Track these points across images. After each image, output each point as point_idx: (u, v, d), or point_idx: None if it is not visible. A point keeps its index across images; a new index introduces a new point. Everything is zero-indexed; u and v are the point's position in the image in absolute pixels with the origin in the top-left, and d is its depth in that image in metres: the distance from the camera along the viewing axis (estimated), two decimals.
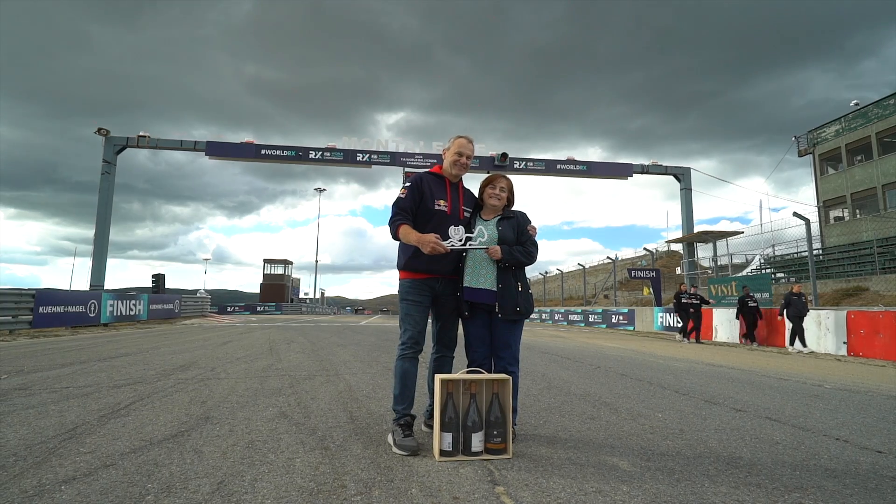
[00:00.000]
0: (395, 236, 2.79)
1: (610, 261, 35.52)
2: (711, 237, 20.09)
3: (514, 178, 3.40)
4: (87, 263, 18.69)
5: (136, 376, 5.00)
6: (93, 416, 3.23)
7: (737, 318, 13.59)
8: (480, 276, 2.85)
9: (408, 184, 2.89)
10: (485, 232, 2.87)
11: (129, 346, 8.57)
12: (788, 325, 11.91)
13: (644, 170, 21.83)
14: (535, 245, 2.98)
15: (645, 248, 25.75)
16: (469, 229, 2.95)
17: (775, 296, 16.64)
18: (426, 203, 2.84)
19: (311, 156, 19.43)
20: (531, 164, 21.13)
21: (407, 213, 2.79)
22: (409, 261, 2.78)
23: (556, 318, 28.85)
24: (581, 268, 37.08)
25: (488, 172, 21.30)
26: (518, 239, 2.91)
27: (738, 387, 5.16)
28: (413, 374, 2.76)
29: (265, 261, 57.31)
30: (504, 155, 20.48)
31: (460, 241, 2.78)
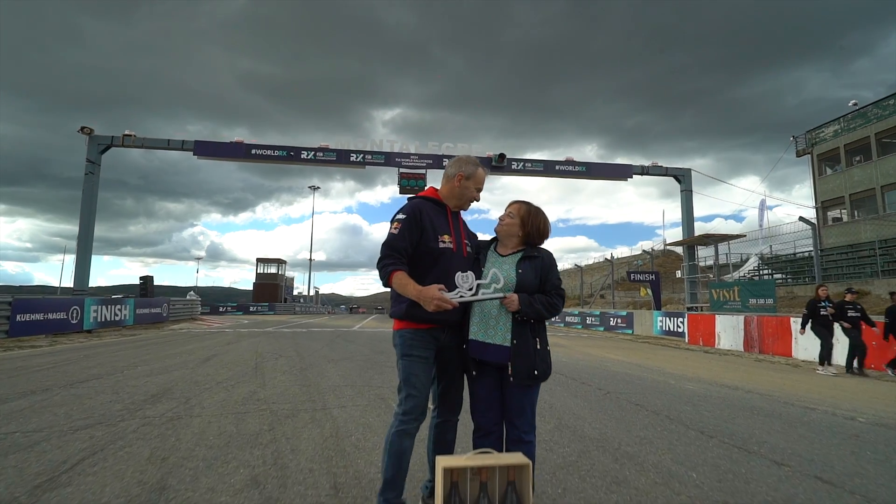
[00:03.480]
0: (387, 284, 2.28)
1: (606, 260, 35.20)
2: (713, 240, 19.72)
3: (510, 179, 2.92)
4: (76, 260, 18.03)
5: (98, 412, 4.46)
6: (26, 485, 2.71)
7: (886, 337, 9.27)
8: (491, 329, 2.34)
9: (402, 216, 2.33)
10: (500, 276, 2.34)
11: (105, 363, 8.01)
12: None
13: (644, 171, 21.41)
14: (562, 295, 2.48)
15: (644, 250, 25.38)
16: (479, 271, 2.45)
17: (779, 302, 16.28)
18: (427, 241, 2.32)
19: (302, 156, 18.81)
20: (529, 164, 20.64)
21: (401, 255, 2.26)
22: (410, 308, 2.24)
23: (553, 319, 28.48)
24: (577, 268, 36.82)
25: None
26: (541, 286, 2.41)
27: (765, 423, 4.70)
28: (411, 450, 2.25)
29: (258, 260, 56.55)
30: (501, 156, 19.98)
31: (470, 290, 2.24)
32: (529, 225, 2.48)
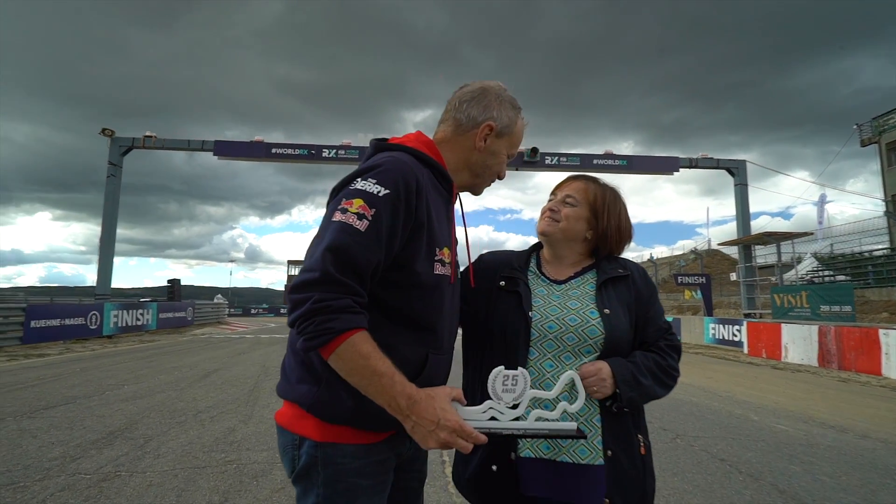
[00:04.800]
0: (325, 352, 1.01)
1: (647, 261, 33.13)
2: (774, 239, 17.69)
3: (545, 176, 1.62)
4: (126, 262, 17.94)
5: (22, 463, 3.52)
6: None
7: None
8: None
9: (378, 189, 1.08)
10: (579, 388, 1.15)
11: (92, 381, 7.22)
12: None
13: (692, 164, 19.56)
14: (677, 346, 1.39)
15: (692, 250, 23.43)
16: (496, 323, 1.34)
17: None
18: (417, 257, 1.13)
19: (324, 154, 17.97)
20: (564, 159, 19.16)
21: (360, 286, 1.04)
22: (360, 405, 1.06)
23: None
24: None
25: (517, 170, 19.55)
26: (640, 333, 1.37)
27: None
28: None
29: (289, 262, 56.92)
30: (534, 150, 18.60)
31: (513, 401, 1.11)
32: (606, 217, 1.42)
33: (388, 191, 1.07)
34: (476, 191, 1.38)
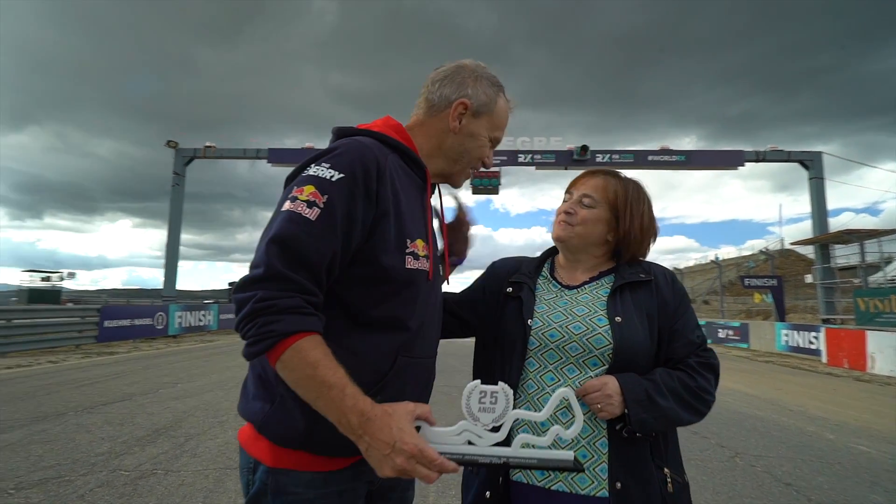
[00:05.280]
0: (271, 356, 0.88)
1: (711, 262, 31.17)
2: (857, 237, 16.03)
3: (616, 170, 1.42)
4: (196, 266, 19.20)
5: (70, 457, 3.69)
6: None
7: None
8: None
9: (332, 173, 0.96)
10: (577, 409, 0.96)
11: (151, 379, 7.63)
12: None
13: (759, 157, 18.15)
14: (713, 365, 1.18)
15: (761, 250, 21.77)
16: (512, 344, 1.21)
17: None
18: (384, 249, 1.01)
19: None
20: (617, 156, 18.36)
21: (311, 284, 0.92)
22: (315, 426, 0.93)
23: None
24: (677, 271, 32.98)
25: (566, 169, 18.99)
26: (663, 348, 1.18)
27: None
28: None
29: None
30: (584, 148, 17.96)
31: (493, 423, 0.93)
32: (628, 217, 1.27)
33: (342, 175, 0.95)
34: (454, 181, 1.24)
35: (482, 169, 1.25)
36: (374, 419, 0.85)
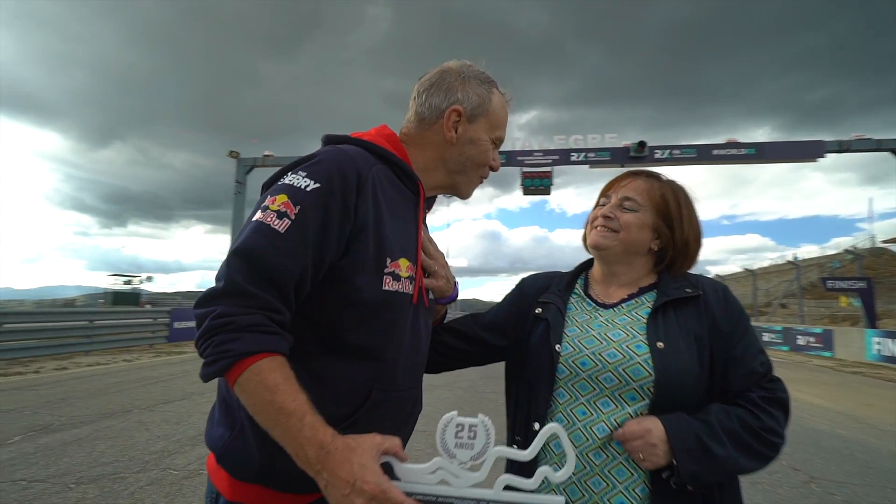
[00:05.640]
0: (225, 374, 0.80)
1: (789, 262, 28.75)
2: None
3: (666, 172, 1.25)
4: None
5: (126, 455, 3.90)
6: None
7: None
8: None
9: (307, 182, 0.89)
10: (570, 452, 0.82)
11: (195, 383, 8.00)
12: None
13: (843, 147, 16.48)
14: (781, 400, 1.00)
15: (847, 249, 19.82)
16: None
17: None
18: (359, 269, 0.92)
19: None
20: (678, 152, 17.35)
21: (275, 300, 0.84)
22: (269, 460, 0.87)
23: None
24: (748, 272, 30.59)
25: (621, 166, 18.24)
26: (718, 379, 1.01)
27: None
28: None
29: None
30: (641, 144, 17.12)
31: (471, 460, 0.81)
32: (683, 222, 1.14)
33: (317, 185, 0.88)
34: (461, 191, 1.16)
35: (491, 172, 1.16)
36: (333, 453, 0.76)
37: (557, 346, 1.08)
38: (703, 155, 17.33)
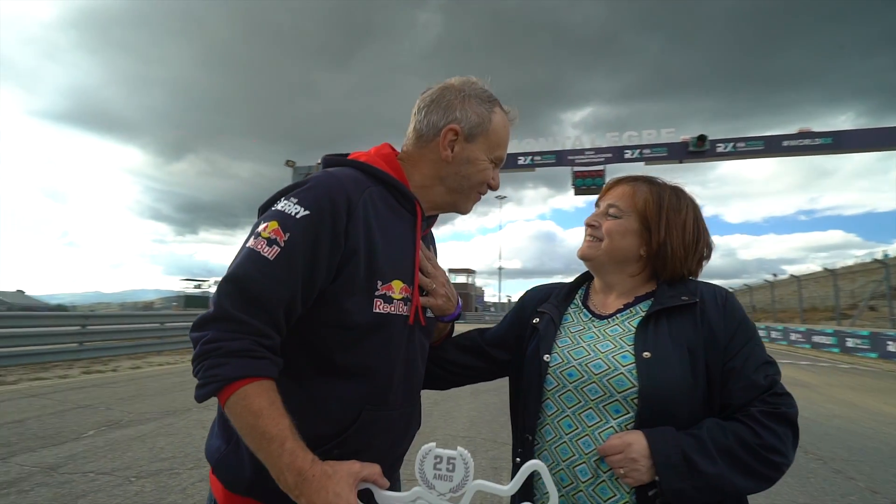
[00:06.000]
0: (212, 397, 0.85)
1: (876, 260, 26.12)
2: None
3: (730, 167, 1.22)
4: None
5: (186, 451, 4.14)
6: None
7: None
8: None
9: (297, 209, 0.91)
10: (550, 484, 0.82)
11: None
12: None
13: None
14: (787, 416, 0.90)
15: None
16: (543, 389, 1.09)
17: None
18: (349, 293, 0.95)
19: None
20: (742, 144, 16.25)
21: (265, 326, 0.87)
22: (259, 476, 0.87)
23: (793, 337, 22.16)
24: (828, 272, 28.03)
25: (680, 162, 17.36)
26: (716, 392, 0.95)
27: None
28: None
29: (449, 270, 60.07)
30: (701, 138, 16.18)
31: (450, 492, 0.82)
32: (662, 227, 1.08)
33: (307, 212, 0.91)
34: (460, 208, 1.16)
35: (490, 191, 1.17)
36: (311, 480, 0.80)
37: (546, 357, 1.06)
38: (772, 147, 16.15)
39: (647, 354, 0.95)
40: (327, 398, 0.95)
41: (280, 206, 0.93)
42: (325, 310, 0.94)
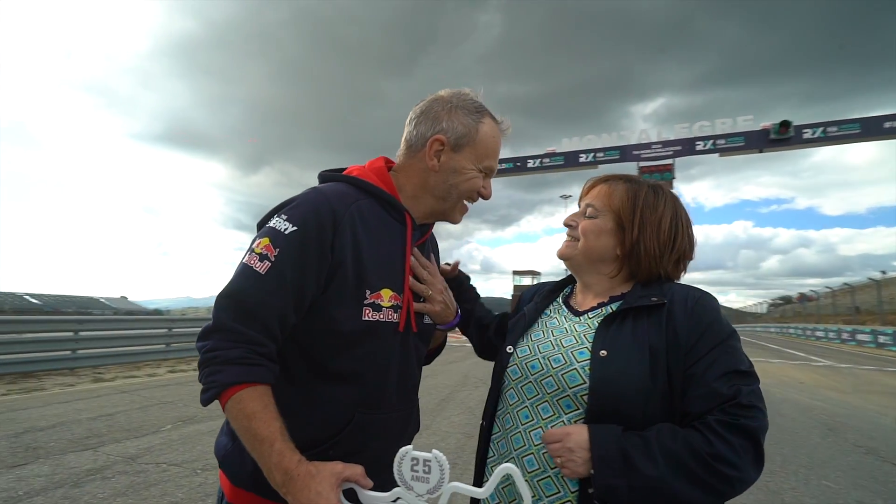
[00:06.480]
0: (213, 402, 0.92)
1: None
2: None
3: (826, 154, 1.15)
4: None
5: None
6: None
7: None
8: None
9: (286, 226, 0.97)
10: (523, 488, 0.80)
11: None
12: None
13: None
14: (744, 429, 0.83)
15: None
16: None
17: None
18: (339, 302, 1.01)
19: (529, 164, 18.08)
20: (834, 129, 14.68)
21: (259, 336, 0.93)
22: (258, 468, 0.91)
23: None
24: None
25: (760, 152, 16.02)
26: (681, 398, 0.91)
27: None
28: None
29: (514, 272, 59.46)
30: (785, 124, 14.82)
31: (427, 494, 0.83)
32: (636, 226, 1.06)
33: (294, 228, 0.97)
34: (449, 217, 1.19)
35: (483, 200, 1.20)
36: (296, 479, 0.85)
37: (509, 348, 1.11)
38: (871, 129, 14.50)
39: (603, 353, 0.94)
40: (321, 401, 1.01)
41: (272, 223, 0.99)
42: (317, 318, 0.99)
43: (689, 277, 1.14)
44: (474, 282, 1.45)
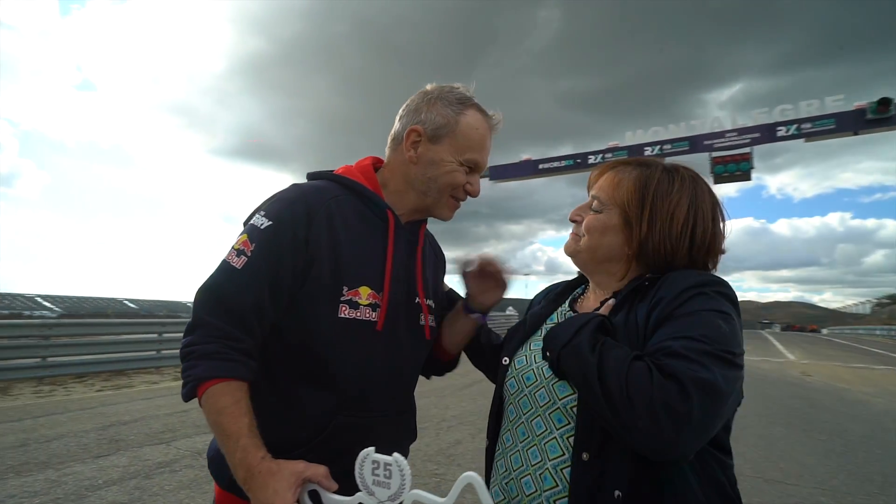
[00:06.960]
0: (195, 397, 0.91)
1: None
2: None
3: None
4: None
5: None
6: None
7: None
8: (530, 459, 0.91)
9: (262, 221, 0.99)
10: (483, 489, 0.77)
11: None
12: None
13: None
14: (679, 376, 0.69)
15: None
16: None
17: None
18: (317, 299, 1.01)
19: (590, 160, 17.35)
20: None
21: (235, 331, 0.93)
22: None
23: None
24: None
25: (855, 134, 14.35)
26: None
27: None
28: None
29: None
30: (884, 102, 13.09)
31: (388, 500, 0.79)
32: (645, 220, 0.93)
33: (269, 223, 0.99)
34: (436, 213, 1.15)
35: (469, 198, 1.16)
36: (257, 476, 0.84)
37: (505, 360, 1.03)
38: None
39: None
40: (300, 402, 1.00)
41: (253, 219, 1.01)
42: (294, 315, 0.99)
43: (776, 275, 0.95)
44: (538, 284, 1.35)
